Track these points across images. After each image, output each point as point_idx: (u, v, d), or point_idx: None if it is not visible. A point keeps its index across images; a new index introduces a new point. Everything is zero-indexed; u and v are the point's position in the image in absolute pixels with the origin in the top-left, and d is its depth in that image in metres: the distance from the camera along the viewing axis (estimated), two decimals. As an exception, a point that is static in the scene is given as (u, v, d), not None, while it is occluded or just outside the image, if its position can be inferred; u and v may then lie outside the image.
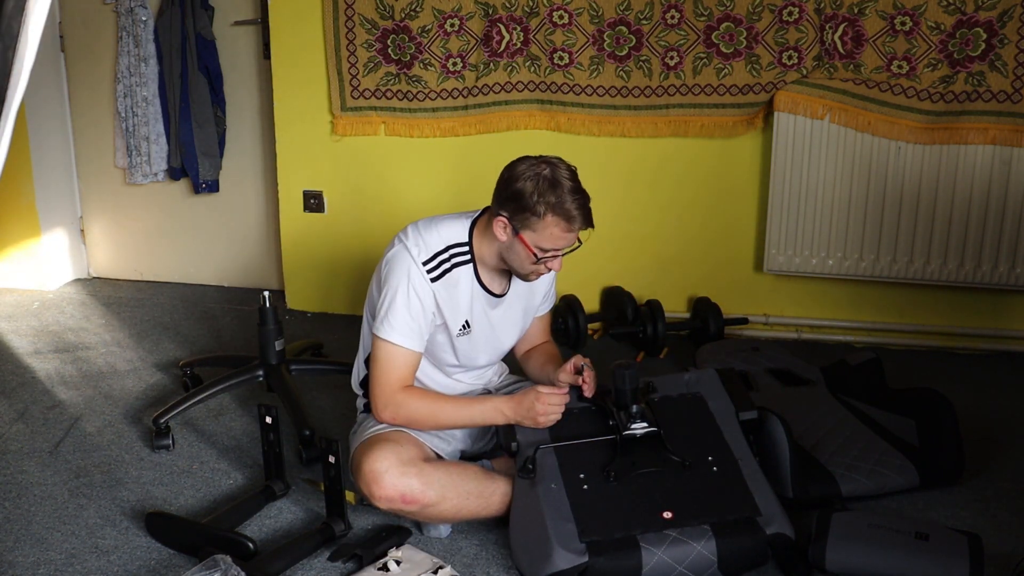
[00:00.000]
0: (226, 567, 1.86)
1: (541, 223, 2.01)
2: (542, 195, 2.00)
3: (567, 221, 2.00)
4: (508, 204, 2.04)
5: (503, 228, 2.06)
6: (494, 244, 2.12)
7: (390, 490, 2.01)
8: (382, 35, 3.31)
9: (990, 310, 3.24)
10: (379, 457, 2.03)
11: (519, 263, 2.09)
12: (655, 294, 3.35)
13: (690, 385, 2.31)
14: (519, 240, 2.04)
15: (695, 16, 3.10)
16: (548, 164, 2.04)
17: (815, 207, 3.17)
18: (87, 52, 3.86)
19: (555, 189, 2.00)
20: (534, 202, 1.99)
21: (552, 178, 2.01)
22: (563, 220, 2.00)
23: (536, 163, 2.04)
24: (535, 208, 2.00)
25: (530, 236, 2.03)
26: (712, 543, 1.90)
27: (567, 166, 2.06)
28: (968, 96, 2.98)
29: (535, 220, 2.01)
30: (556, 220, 2.00)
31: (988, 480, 2.38)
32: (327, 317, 3.65)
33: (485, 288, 2.17)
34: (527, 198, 2.00)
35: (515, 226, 2.04)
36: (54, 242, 3.99)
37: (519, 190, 2.01)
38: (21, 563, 2.07)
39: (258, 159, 3.84)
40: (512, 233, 2.05)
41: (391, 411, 2.12)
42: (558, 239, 2.03)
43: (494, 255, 2.13)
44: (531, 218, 2.01)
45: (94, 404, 2.88)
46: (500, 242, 2.09)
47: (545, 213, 2.00)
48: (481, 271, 2.16)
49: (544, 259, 2.06)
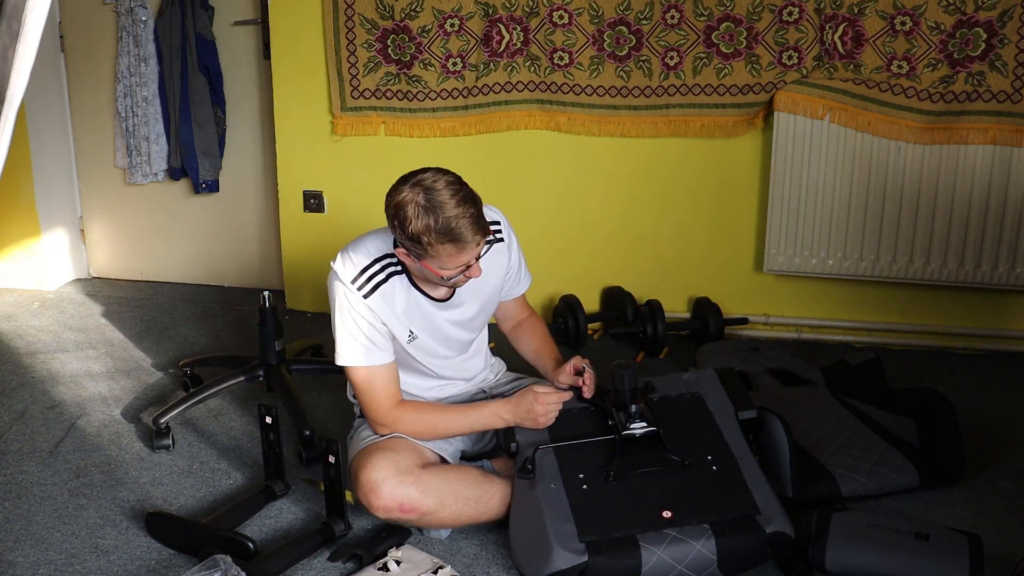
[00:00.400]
0: (226, 567, 1.86)
1: (438, 250, 1.96)
2: (423, 226, 1.93)
3: (454, 244, 1.95)
4: (399, 237, 2.01)
5: (406, 257, 2.05)
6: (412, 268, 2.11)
7: (388, 500, 2.01)
8: (382, 35, 3.31)
9: (990, 310, 3.24)
10: (376, 467, 2.03)
11: (434, 283, 2.10)
12: (655, 294, 3.35)
13: (690, 385, 2.31)
14: (424, 267, 2.02)
15: (695, 16, 3.10)
16: (422, 188, 1.95)
17: (815, 207, 3.17)
18: (87, 52, 3.86)
19: (434, 213, 1.92)
20: (419, 236, 1.95)
21: (428, 204, 1.93)
22: (451, 244, 1.95)
23: (412, 189, 1.96)
24: (422, 242, 1.95)
25: (432, 262, 2.00)
26: (712, 542, 1.90)
27: (447, 179, 1.97)
28: (968, 96, 2.98)
29: (427, 250, 1.97)
30: (444, 246, 1.95)
31: (988, 480, 2.38)
32: (327, 317, 3.62)
33: (425, 295, 2.16)
34: (412, 234, 1.95)
35: (416, 256, 2.01)
36: (54, 242, 3.99)
37: (402, 223, 1.96)
38: (21, 563, 2.07)
39: (258, 159, 3.84)
40: (415, 260, 2.03)
41: (390, 431, 2.15)
42: (457, 259, 1.98)
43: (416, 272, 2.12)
44: (423, 248, 1.97)
45: (94, 404, 2.88)
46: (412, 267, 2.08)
47: (432, 244, 1.95)
48: (417, 279, 2.14)
49: (455, 276, 2.03)
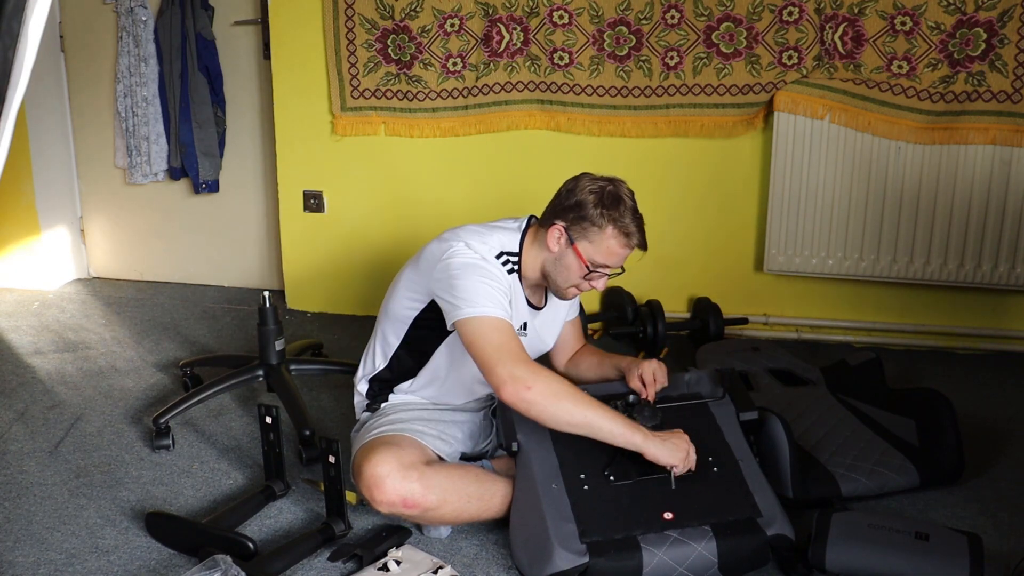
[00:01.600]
0: (226, 567, 1.86)
1: (600, 235, 2.01)
2: (605, 208, 2.00)
3: (626, 237, 2.01)
4: (567, 213, 2.03)
5: (557, 238, 2.05)
6: (540, 257, 2.11)
7: (391, 495, 2.01)
8: (382, 35, 3.31)
9: (990, 310, 3.24)
10: (380, 461, 2.03)
11: (565, 276, 2.07)
12: (655, 294, 3.35)
13: (690, 385, 2.31)
14: (573, 251, 2.03)
15: (695, 16, 3.11)
16: (611, 182, 2.05)
17: (815, 207, 3.17)
18: (87, 52, 3.86)
19: (617, 205, 2.01)
20: (596, 213, 2.00)
21: (615, 194, 2.02)
22: (622, 235, 2.01)
23: (599, 179, 2.06)
24: (596, 219, 2.00)
25: (585, 248, 2.03)
26: (713, 544, 1.90)
27: (628, 188, 2.08)
28: (968, 96, 2.98)
29: (594, 231, 2.01)
30: (615, 234, 2.01)
31: (988, 480, 2.38)
32: (327, 317, 3.65)
33: (527, 299, 2.18)
34: (589, 208, 2.00)
35: (571, 236, 2.03)
36: (54, 242, 3.99)
37: (581, 201, 2.02)
38: (21, 563, 2.07)
39: (258, 159, 3.84)
40: (567, 243, 2.04)
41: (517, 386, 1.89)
42: (613, 255, 2.03)
43: (537, 268, 2.12)
44: (590, 229, 2.01)
45: (94, 404, 2.87)
46: (549, 253, 2.08)
47: (606, 225, 2.00)
48: (526, 283, 2.15)
49: (592, 275, 2.06)
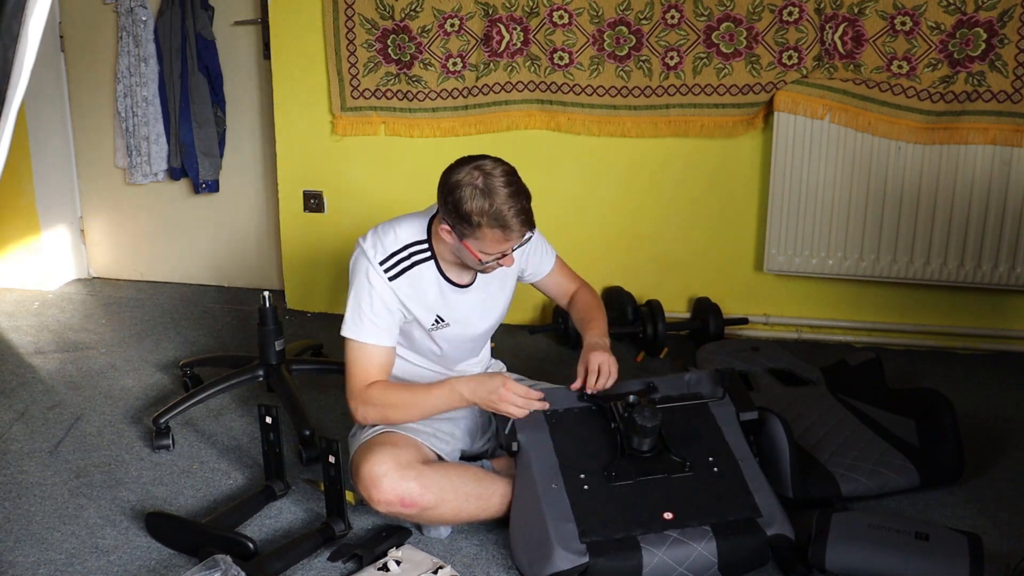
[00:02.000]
0: (226, 567, 1.86)
1: (480, 232, 2.01)
2: (476, 207, 1.98)
3: (502, 230, 2.00)
4: (448, 213, 2.05)
5: (448, 234, 2.08)
6: (445, 247, 2.15)
7: (389, 494, 2.01)
8: (382, 35, 3.31)
9: (990, 310, 3.24)
10: (377, 461, 2.03)
11: (471, 262, 2.11)
12: (655, 294, 3.35)
13: (690, 385, 2.31)
14: (464, 246, 2.06)
15: (695, 16, 3.10)
16: (482, 172, 2.00)
17: (815, 207, 3.17)
18: (87, 52, 3.86)
19: (489, 198, 1.98)
20: (469, 214, 1.99)
21: (485, 188, 1.98)
22: (499, 230, 2.00)
23: (471, 170, 2.01)
24: (471, 220, 2.00)
25: (473, 243, 2.05)
26: (713, 544, 1.90)
27: (504, 168, 2.03)
28: (968, 96, 2.98)
29: (473, 230, 2.02)
30: (492, 231, 2.00)
31: (988, 480, 2.38)
32: (327, 317, 3.65)
33: (449, 281, 2.20)
34: (463, 210, 2.00)
35: (458, 234, 2.05)
36: (54, 242, 3.99)
37: (455, 201, 2.01)
38: (21, 563, 2.07)
39: (258, 159, 3.84)
40: (457, 239, 2.07)
41: (361, 409, 2.14)
42: (499, 245, 2.04)
43: (450, 252, 2.16)
44: (469, 228, 2.02)
45: (94, 404, 2.87)
46: (448, 244, 2.12)
47: (480, 225, 2.00)
48: (443, 265, 2.18)
49: (490, 261, 2.09)
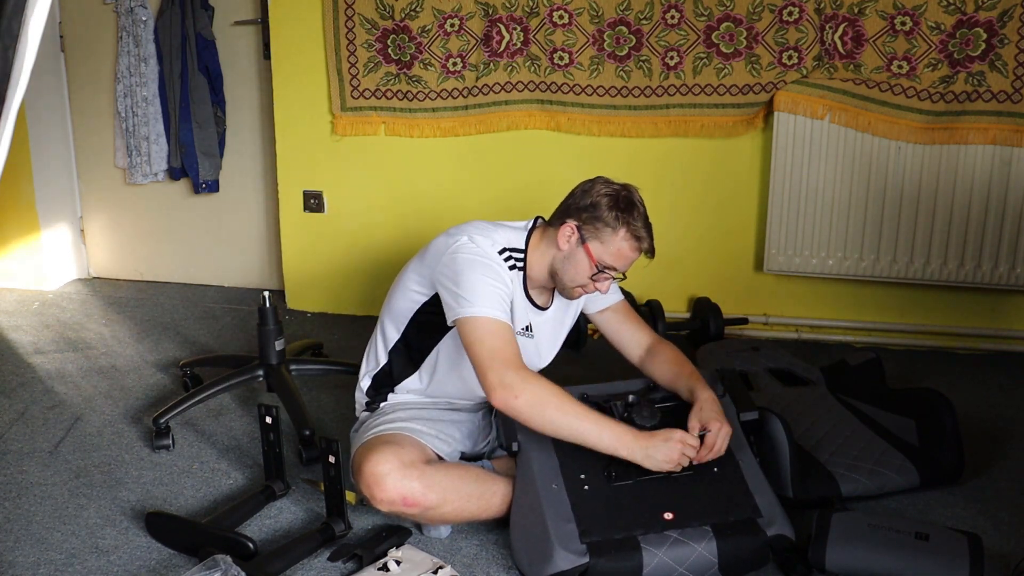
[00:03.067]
0: (226, 567, 1.86)
1: (612, 236, 2.04)
2: (619, 211, 2.03)
3: (636, 240, 2.04)
4: (580, 213, 2.06)
5: (568, 236, 2.07)
6: (547, 255, 2.12)
7: (391, 493, 2.01)
8: (382, 35, 3.31)
9: (990, 310, 3.24)
10: (380, 460, 2.03)
11: (572, 274, 2.08)
12: (655, 294, 3.35)
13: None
14: (583, 249, 2.05)
15: (695, 16, 3.11)
16: (626, 188, 2.09)
17: (815, 207, 3.17)
18: (87, 52, 3.86)
19: (631, 210, 2.05)
20: (610, 215, 2.03)
21: (629, 199, 2.06)
22: (633, 238, 2.04)
23: (614, 183, 2.10)
24: (610, 221, 2.03)
25: (596, 248, 2.05)
26: (713, 544, 1.90)
27: (640, 196, 2.11)
28: (968, 96, 2.98)
29: (607, 232, 2.04)
30: (627, 236, 2.04)
31: (988, 480, 2.38)
32: (327, 317, 3.65)
33: (531, 300, 2.17)
34: (603, 210, 2.04)
35: (583, 235, 2.06)
36: (54, 242, 3.99)
37: (596, 202, 2.05)
38: (21, 563, 2.07)
39: (258, 159, 3.84)
40: (578, 242, 2.06)
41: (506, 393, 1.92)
42: (622, 257, 2.06)
43: (544, 268, 2.12)
44: (603, 229, 2.04)
45: (94, 404, 2.87)
46: (558, 252, 2.09)
47: (619, 228, 2.03)
48: (528, 283, 2.15)
49: (600, 275, 2.08)
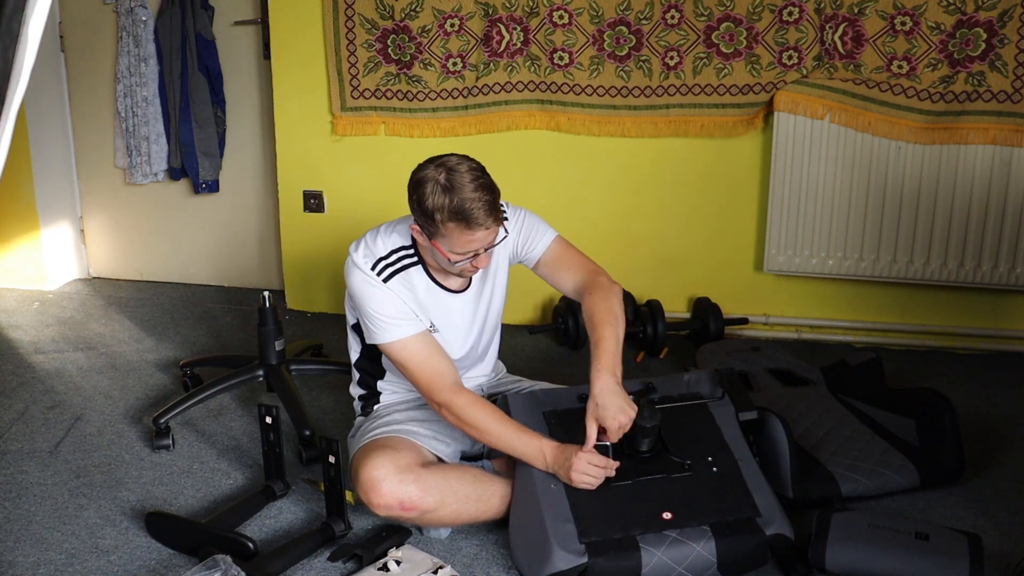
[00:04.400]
0: (226, 567, 1.86)
1: (445, 230, 1.99)
2: (438, 203, 1.97)
3: (467, 225, 1.97)
4: (415, 213, 2.05)
5: (419, 234, 2.07)
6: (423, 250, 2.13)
7: (388, 498, 2.01)
8: (382, 35, 3.31)
9: (990, 310, 3.24)
10: (376, 465, 2.03)
11: (444, 264, 2.09)
12: (655, 294, 3.35)
13: (690, 385, 2.31)
14: (434, 246, 2.05)
15: (695, 16, 3.10)
16: (446, 168, 1.99)
17: (815, 207, 3.17)
18: (87, 52, 3.86)
19: (451, 193, 1.96)
20: (433, 212, 1.98)
21: (448, 184, 1.97)
22: (463, 225, 1.97)
23: (435, 168, 2.01)
24: (437, 220, 1.98)
25: (441, 242, 2.02)
26: (712, 544, 1.90)
27: (469, 165, 2.02)
28: (968, 96, 2.98)
29: (438, 227, 2.00)
30: (457, 226, 1.98)
31: (988, 480, 2.38)
32: (327, 317, 3.65)
33: (440, 285, 2.18)
34: (426, 208, 1.99)
35: (428, 233, 2.04)
36: (54, 242, 3.99)
37: (419, 198, 2.00)
38: (21, 563, 2.07)
39: (258, 159, 3.84)
40: (427, 239, 2.05)
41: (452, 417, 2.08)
42: (468, 243, 2.01)
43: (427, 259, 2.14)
44: (435, 226, 2.00)
45: (94, 404, 2.88)
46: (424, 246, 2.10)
47: (445, 222, 1.98)
48: (431, 270, 2.17)
49: (463, 260, 2.05)
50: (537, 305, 3.53)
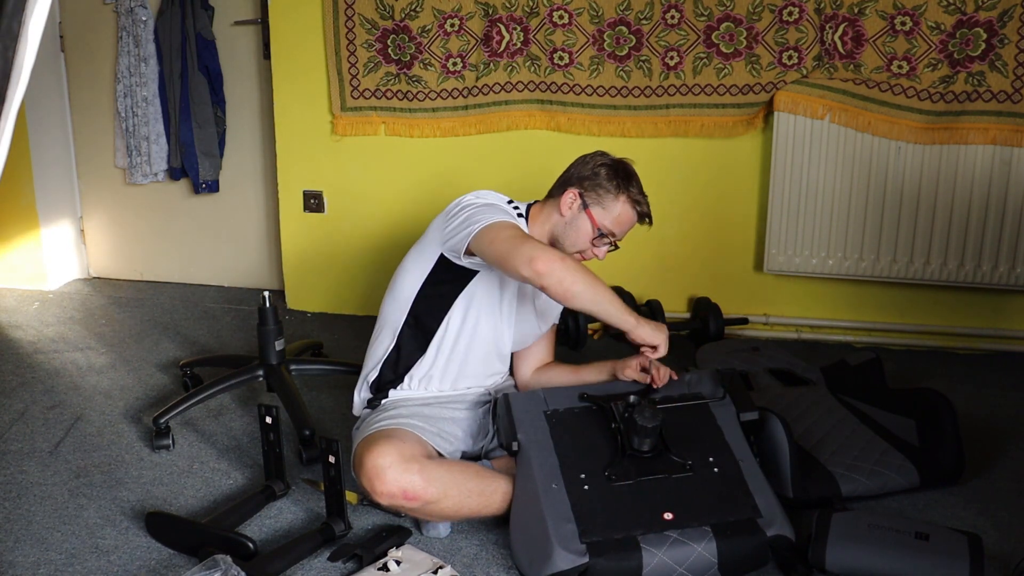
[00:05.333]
0: (226, 567, 1.86)
1: (614, 202, 2.15)
2: (621, 179, 2.16)
3: (636, 205, 2.17)
4: (582, 181, 2.17)
5: (571, 203, 2.17)
6: (547, 225, 2.21)
7: (392, 486, 2.01)
8: (382, 35, 3.31)
9: (990, 310, 3.24)
10: (382, 453, 2.03)
11: (574, 239, 2.17)
12: (655, 294, 3.35)
13: (690, 385, 2.31)
14: (586, 214, 2.15)
15: (695, 16, 3.11)
16: (623, 160, 2.21)
17: (815, 207, 3.17)
18: (87, 52, 3.86)
19: (630, 179, 2.18)
20: (611, 183, 2.14)
21: (627, 170, 2.19)
22: (633, 204, 2.16)
23: (611, 156, 2.21)
24: (611, 188, 2.15)
25: (598, 212, 2.15)
26: (712, 544, 1.90)
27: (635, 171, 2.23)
28: (968, 96, 2.98)
29: (609, 198, 2.15)
30: (627, 201, 2.16)
31: (988, 480, 2.38)
32: (327, 317, 3.65)
33: None
34: (605, 178, 2.15)
35: (585, 201, 2.15)
36: (54, 242, 3.99)
37: (596, 171, 2.16)
38: (21, 563, 2.07)
39: (258, 159, 3.84)
40: (580, 208, 2.16)
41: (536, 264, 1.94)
42: (622, 222, 2.17)
43: (544, 237, 2.20)
44: (604, 195, 2.15)
45: (94, 404, 2.87)
46: (559, 218, 2.19)
47: (620, 193, 2.15)
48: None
49: (599, 239, 2.16)
50: (537, 305, 3.53)
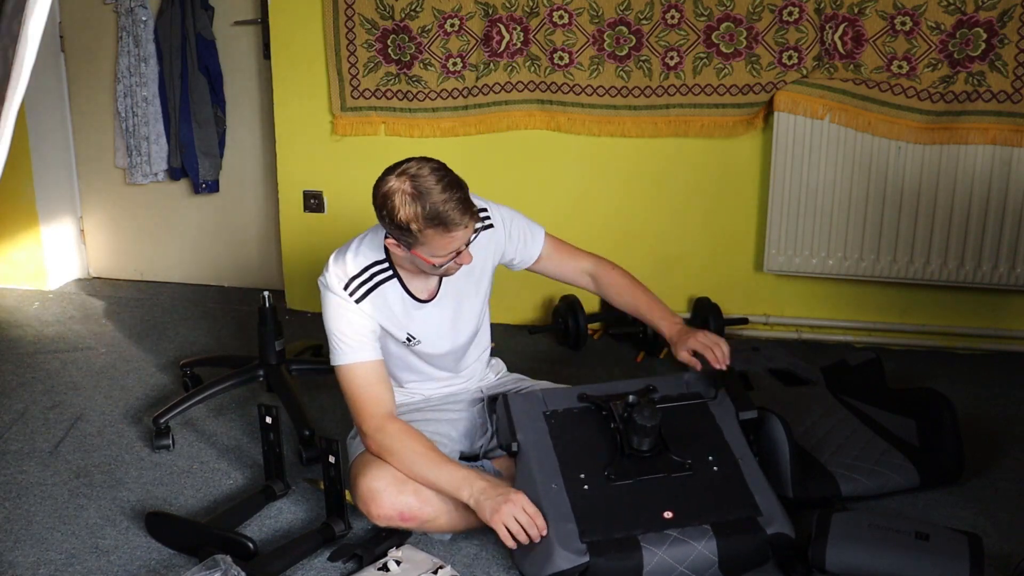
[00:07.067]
0: (226, 567, 1.86)
1: (424, 237, 1.98)
2: (412, 213, 1.95)
3: (444, 228, 1.96)
4: (388, 227, 2.03)
5: (396, 247, 2.06)
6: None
7: (388, 509, 2.01)
8: (382, 35, 3.31)
9: (990, 310, 3.24)
10: (375, 476, 2.03)
11: (428, 268, 2.07)
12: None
13: (690, 385, 2.31)
14: (415, 255, 2.03)
15: (695, 16, 3.10)
16: (408, 176, 1.98)
17: (815, 207, 3.17)
18: (87, 52, 3.86)
19: (421, 200, 1.95)
20: (407, 223, 1.96)
21: (415, 191, 1.95)
22: (441, 229, 1.96)
23: (398, 178, 1.99)
24: (413, 231, 1.97)
25: (422, 250, 2.01)
26: (713, 543, 1.90)
27: (431, 166, 2.00)
28: (968, 96, 2.98)
29: (420, 237, 1.98)
30: (435, 231, 1.96)
31: (988, 480, 2.38)
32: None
33: (413, 297, 2.17)
34: (400, 221, 1.97)
35: (406, 245, 2.03)
36: (54, 242, 3.99)
37: (390, 213, 1.98)
38: (21, 563, 2.07)
39: (258, 159, 3.84)
40: (406, 250, 2.04)
41: (376, 445, 2.07)
42: (448, 244, 2.00)
43: (408, 263, 2.12)
44: (415, 237, 1.98)
45: (94, 404, 2.88)
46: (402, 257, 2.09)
47: (422, 230, 1.96)
48: (406, 280, 2.16)
49: (447, 262, 2.04)
50: (537, 305, 3.53)
